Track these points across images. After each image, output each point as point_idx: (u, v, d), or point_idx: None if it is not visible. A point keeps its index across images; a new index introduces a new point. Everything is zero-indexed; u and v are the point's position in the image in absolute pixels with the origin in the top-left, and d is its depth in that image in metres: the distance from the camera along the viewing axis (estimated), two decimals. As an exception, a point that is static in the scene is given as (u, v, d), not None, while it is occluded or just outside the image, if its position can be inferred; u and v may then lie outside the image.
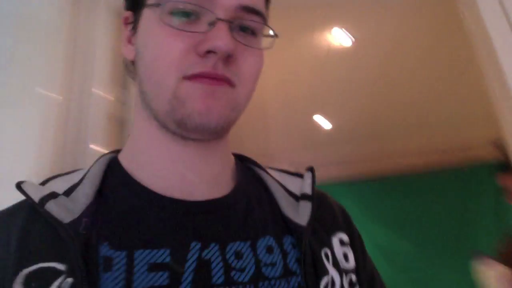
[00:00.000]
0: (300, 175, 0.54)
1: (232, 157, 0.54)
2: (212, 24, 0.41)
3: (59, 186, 0.43)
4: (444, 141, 2.92)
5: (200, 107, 0.40)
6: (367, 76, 2.14)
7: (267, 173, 0.54)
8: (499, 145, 2.92)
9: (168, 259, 0.39)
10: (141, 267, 0.38)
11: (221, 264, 0.40)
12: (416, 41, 1.88)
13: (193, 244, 0.41)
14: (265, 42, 0.46)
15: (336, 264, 0.46)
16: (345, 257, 0.48)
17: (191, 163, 0.46)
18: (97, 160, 0.47)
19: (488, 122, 2.62)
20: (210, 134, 0.43)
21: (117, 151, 0.51)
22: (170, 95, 0.41)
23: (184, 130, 0.42)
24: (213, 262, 0.40)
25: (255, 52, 0.45)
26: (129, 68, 0.49)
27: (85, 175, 0.45)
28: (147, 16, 0.44)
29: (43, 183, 0.45)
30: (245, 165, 0.55)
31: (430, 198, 2.81)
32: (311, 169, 0.54)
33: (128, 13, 0.48)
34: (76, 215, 0.39)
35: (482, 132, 2.85)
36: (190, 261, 0.39)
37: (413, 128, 2.74)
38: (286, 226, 0.47)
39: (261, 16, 0.44)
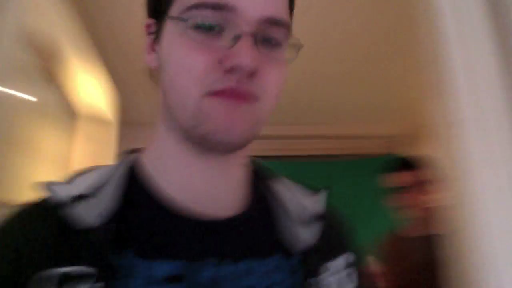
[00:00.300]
0: (315, 192, 0.55)
1: (249, 168, 0.54)
2: (236, 38, 0.40)
3: (85, 186, 0.43)
4: (358, 127, 3.00)
5: (223, 124, 0.41)
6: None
7: (282, 185, 0.54)
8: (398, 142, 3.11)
9: (184, 272, 0.40)
10: (159, 277, 0.39)
11: (233, 281, 0.42)
12: (348, 15, 1.72)
13: (208, 260, 0.42)
14: (288, 51, 0.46)
15: (339, 285, 0.48)
16: (349, 277, 0.50)
17: (211, 176, 0.47)
18: (121, 160, 0.48)
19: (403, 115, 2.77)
20: (232, 149, 0.44)
21: (139, 150, 0.51)
22: (194, 111, 0.41)
23: (207, 144, 0.43)
24: (226, 278, 0.41)
25: (279, 63, 0.44)
26: (153, 76, 0.48)
27: (110, 175, 0.45)
28: (170, 28, 0.44)
29: (69, 182, 0.44)
30: (260, 176, 0.55)
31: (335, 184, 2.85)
32: (326, 189, 0.54)
33: (151, 21, 0.48)
34: (104, 220, 0.40)
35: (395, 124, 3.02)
36: (206, 276, 0.40)
37: (331, 109, 2.71)
38: (296, 244, 0.48)
39: (286, 26, 0.44)
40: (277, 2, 0.43)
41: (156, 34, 0.47)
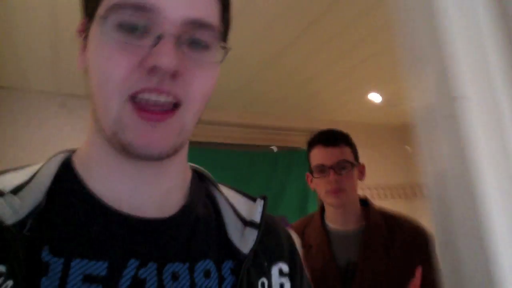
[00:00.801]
0: (254, 199, 0.54)
1: (189, 172, 0.53)
2: (157, 39, 0.40)
3: (8, 182, 0.41)
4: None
5: (140, 141, 0.40)
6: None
7: (221, 192, 0.54)
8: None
9: (104, 272, 0.39)
10: (76, 276, 0.38)
11: (155, 284, 0.40)
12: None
13: (131, 261, 0.41)
14: (219, 53, 0.44)
15: None
16: (281, 287, 0.49)
17: (142, 179, 0.45)
18: (50, 159, 0.46)
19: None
20: (156, 160, 0.43)
21: (73, 150, 0.50)
22: (114, 117, 0.41)
23: (129, 154, 0.42)
24: (148, 281, 0.40)
25: (206, 66, 0.43)
26: (87, 76, 0.46)
27: (36, 173, 0.43)
28: (95, 28, 0.43)
29: None
30: (199, 182, 0.54)
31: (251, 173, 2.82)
32: (264, 197, 0.54)
33: (84, 21, 0.46)
34: (21, 216, 0.38)
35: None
36: (125, 278, 0.39)
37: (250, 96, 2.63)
38: (229, 250, 0.47)
39: (213, 29, 0.43)
40: (204, 5, 0.42)
41: (86, 34, 0.45)
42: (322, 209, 1.35)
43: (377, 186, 3.23)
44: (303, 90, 2.52)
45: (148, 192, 0.46)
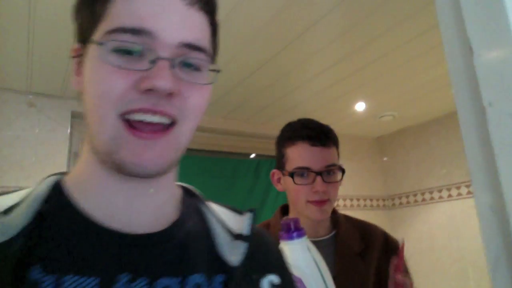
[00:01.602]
0: (241, 213, 0.55)
1: (178, 189, 0.54)
2: (153, 62, 0.41)
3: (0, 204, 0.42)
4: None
5: (134, 160, 0.41)
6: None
7: (209, 208, 0.55)
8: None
9: None
10: None
11: None
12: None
13: (122, 275, 0.41)
14: (210, 75, 0.46)
15: None
16: None
17: (133, 197, 0.46)
18: (42, 181, 0.47)
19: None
20: (151, 177, 0.44)
21: (66, 173, 0.50)
22: (109, 136, 0.41)
23: (123, 172, 0.43)
24: None
25: (199, 87, 0.45)
26: (80, 98, 0.48)
27: (27, 195, 0.44)
28: (92, 52, 0.44)
29: None
30: (188, 198, 0.55)
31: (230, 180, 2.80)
32: (252, 210, 0.55)
33: (78, 45, 0.48)
34: (10, 236, 0.39)
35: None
36: None
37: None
38: (219, 264, 0.48)
39: (205, 52, 0.45)
40: (196, 29, 0.44)
41: (81, 58, 0.46)
42: (282, 216, 1.14)
43: (359, 197, 3.22)
44: (288, 100, 2.48)
45: (141, 208, 0.46)
